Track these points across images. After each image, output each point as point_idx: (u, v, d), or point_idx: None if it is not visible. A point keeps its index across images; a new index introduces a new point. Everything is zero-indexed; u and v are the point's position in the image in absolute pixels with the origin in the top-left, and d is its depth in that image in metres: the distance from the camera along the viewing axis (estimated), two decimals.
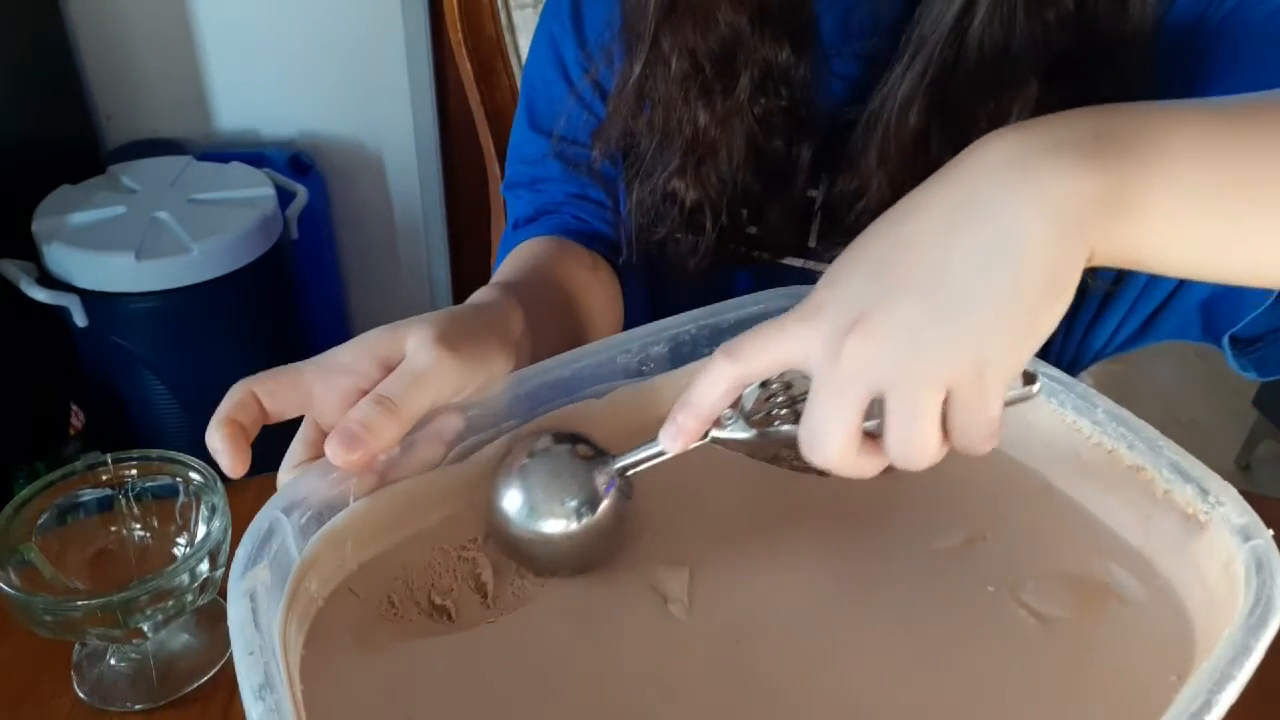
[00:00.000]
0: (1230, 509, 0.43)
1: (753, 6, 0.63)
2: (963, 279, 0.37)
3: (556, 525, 0.47)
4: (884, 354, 0.38)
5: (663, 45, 0.65)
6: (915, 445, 0.39)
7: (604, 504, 0.48)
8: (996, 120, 0.58)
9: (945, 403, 0.38)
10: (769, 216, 0.69)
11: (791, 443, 0.43)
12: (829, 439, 0.40)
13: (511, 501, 0.48)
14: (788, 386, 0.44)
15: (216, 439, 0.45)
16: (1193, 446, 0.46)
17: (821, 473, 0.56)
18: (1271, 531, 0.42)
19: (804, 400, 0.41)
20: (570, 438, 0.49)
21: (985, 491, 0.54)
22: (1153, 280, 0.65)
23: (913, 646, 0.46)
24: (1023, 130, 0.39)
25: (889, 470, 0.42)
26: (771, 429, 0.44)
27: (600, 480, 0.48)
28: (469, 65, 1.18)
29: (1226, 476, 0.45)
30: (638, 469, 0.48)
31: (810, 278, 0.71)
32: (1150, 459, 0.47)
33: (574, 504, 0.47)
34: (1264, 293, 0.55)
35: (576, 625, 0.47)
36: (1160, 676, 0.42)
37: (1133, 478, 0.48)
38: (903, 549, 0.51)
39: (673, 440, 0.45)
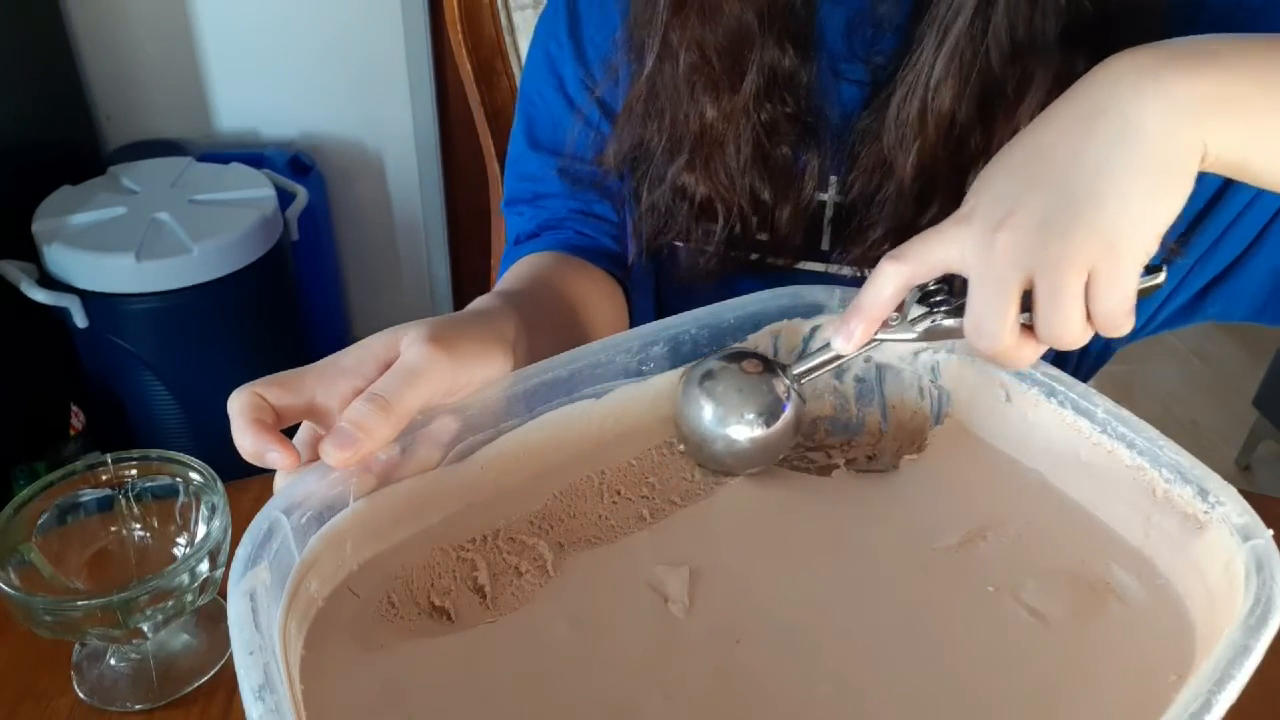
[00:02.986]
0: (1230, 509, 0.44)
1: (759, 2, 0.63)
2: (1094, 170, 0.44)
3: (743, 433, 0.53)
4: (1029, 242, 0.44)
5: (672, 40, 0.65)
6: (1061, 322, 0.44)
7: (785, 410, 0.53)
8: (1020, 93, 0.59)
9: (1087, 285, 0.44)
10: (778, 223, 0.69)
11: (953, 335, 0.49)
12: (991, 325, 0.45)
13: (702, 416, 0.53)
14: (947, 290, 0.49)
15: (249, 441, 0.44)
16: (1193, 447, 0.46)
17: (822, 472, 0.56)
18: (1271, 531, 0.42)
19: (962, 299, 0.47)
20: (738, 355, 0.55)
21: (985, 491, 0.54)
22: (1210, 251, 0.65)
23: (913, 646, 0.46)
24: (1145, 48, 0.46)
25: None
26: (934, 325, 0.49)
27: (780, 389, 0.53)
28: (469, 65, 1.18)
29: (1227, 477, 0.45)
30: (813, 375, 0.53)
31: (825, 281, 0.71)
32: (1150, 459, 0.47)
33: (754, 414, 0.53)
34: None
35: (576, 625, 0.47)
36: (1160, 676, 0.42)
37: (1133, 477, 0.48)
38: (903, 549, 0.51)
39: (845, 342, 0.50)
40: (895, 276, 0.48)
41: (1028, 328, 0.46)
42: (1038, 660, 0.45)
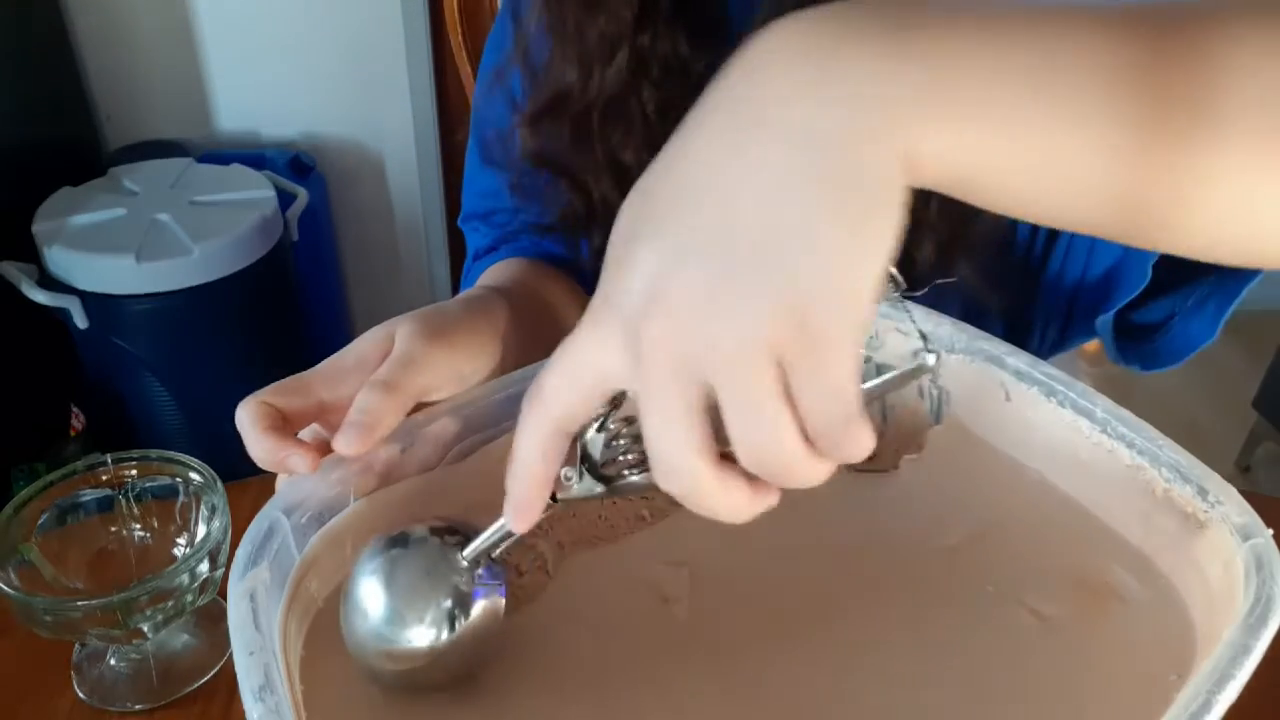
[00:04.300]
0: (1230, 508, 0.43)
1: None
2: (756, 211, 0.30)
3: (424, 637, 0.41)
4: (688, 331, 0.31)
5: (545, 20, 0.65)
6: (761, 442, 0.31)
7: (476, 602, 0.41)
8: None
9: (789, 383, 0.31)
10: None
11: (650, 490, 0.36)
12: (673, 461, 0.32)
13: (367, 618, 0.42)
14: (629, 421, 0.36)
15: (265, 448, 0.44)
16: (1193, 448, 0.46)
17: None
18: (1271, 531, 0.42)
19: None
20: (398, 540, 0.43)
21: (985, 490, 0.54)
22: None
23: (913, 646, 0.46)
24: (816, 12, 0.32)
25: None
26: (623, 481, 0.37)
27: (460, 579, 0.41)
28: (469, 66, 1.18)
29: (1227, 478, 0.45)
30: (495, 552, 0.41)
31: None
32: (1150, 458, 0.47)
33: (437, 612, 0.41)
34: (1138, 279, 0.56)
35: (576, 625, 0.47)
36: (1161, 675, 0.42)
37: (1132, 477, 0.48)
38: (903, 548, 0.51)
39: (517, 518, 0.37)
40: (542, 427, 0.36)
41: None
42: (1038, 660, 0.45)
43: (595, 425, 0.37)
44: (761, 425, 0.31)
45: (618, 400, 0.36)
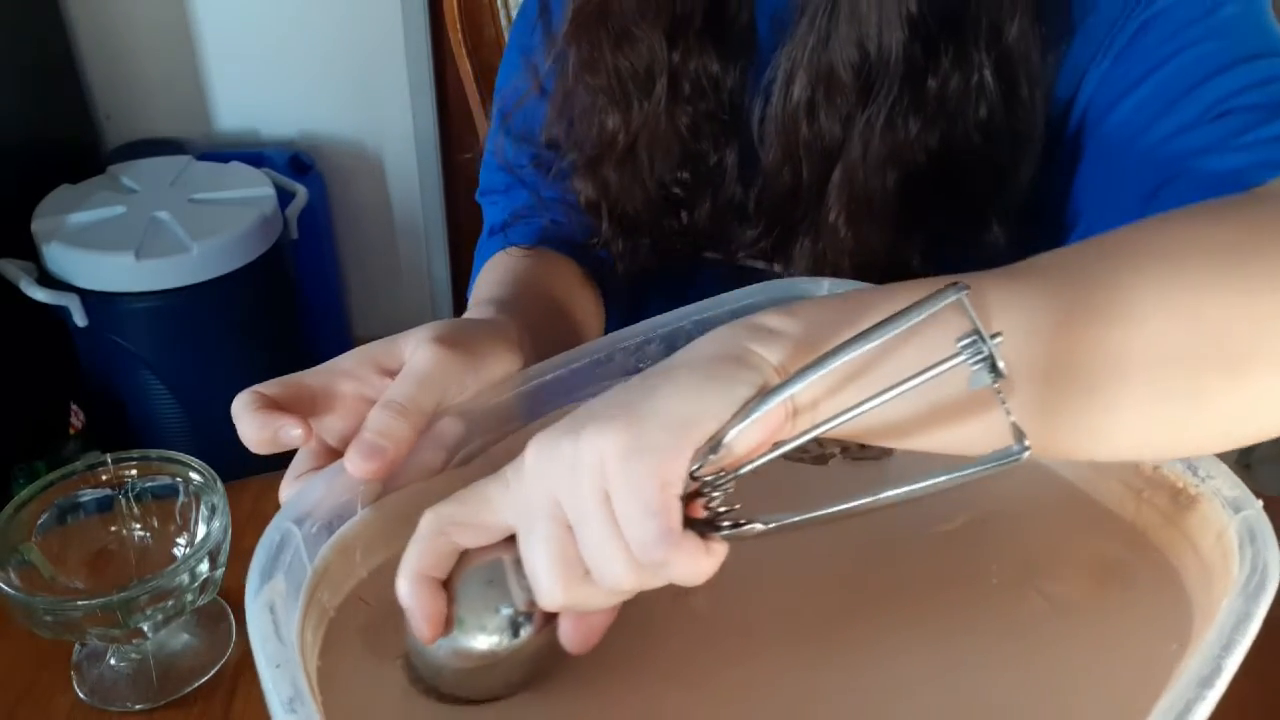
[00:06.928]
0: (1221, 482, 0.44)
1: (666, 21, 0.63)
2: (640, 385, 0.38)
3: (492, 642, 0.41)
4: (547, 453, 0.38)
5: (573, 56, 0.66)
6: (593, 550, 0.36)
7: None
8: (867, 93, 0.59)
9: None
10: (699, 215, 0.70)
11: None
12: (541, 579, 0.38)
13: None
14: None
15: (257, 426, 0.45)
16: None
17: (818, 461, 0.56)
18: (1261, 502, 0.42)
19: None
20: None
21: None
22: None
23: (917, 629, 0.46)
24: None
25: None
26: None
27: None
28: (469, 65, 1.18)
29: None
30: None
31: (769, 276, 0.71)
32: None
33: (507, 620, 0.41)
34: None
35: None
36: (1162, 646, 0.43)
37: None
38: (906, 533, 0.51)
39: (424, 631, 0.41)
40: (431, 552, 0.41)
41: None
42: (1041, 637, 0.45)
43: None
44: (586, 529, 0.36)
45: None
